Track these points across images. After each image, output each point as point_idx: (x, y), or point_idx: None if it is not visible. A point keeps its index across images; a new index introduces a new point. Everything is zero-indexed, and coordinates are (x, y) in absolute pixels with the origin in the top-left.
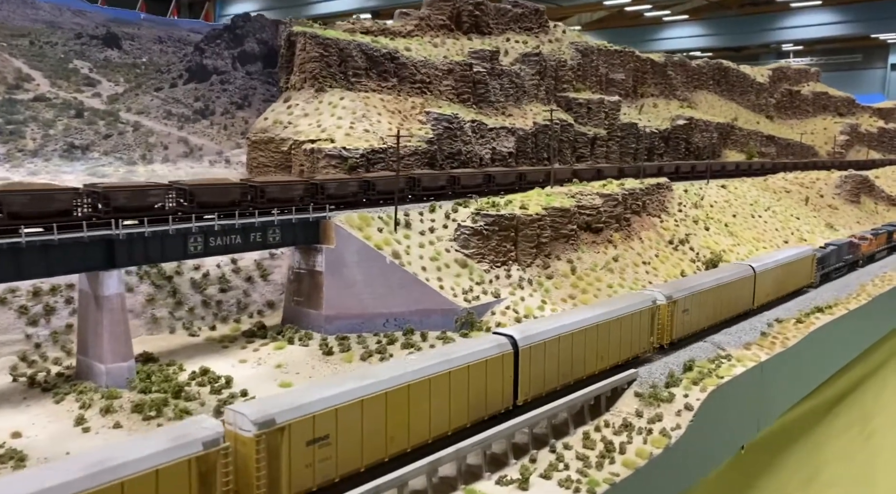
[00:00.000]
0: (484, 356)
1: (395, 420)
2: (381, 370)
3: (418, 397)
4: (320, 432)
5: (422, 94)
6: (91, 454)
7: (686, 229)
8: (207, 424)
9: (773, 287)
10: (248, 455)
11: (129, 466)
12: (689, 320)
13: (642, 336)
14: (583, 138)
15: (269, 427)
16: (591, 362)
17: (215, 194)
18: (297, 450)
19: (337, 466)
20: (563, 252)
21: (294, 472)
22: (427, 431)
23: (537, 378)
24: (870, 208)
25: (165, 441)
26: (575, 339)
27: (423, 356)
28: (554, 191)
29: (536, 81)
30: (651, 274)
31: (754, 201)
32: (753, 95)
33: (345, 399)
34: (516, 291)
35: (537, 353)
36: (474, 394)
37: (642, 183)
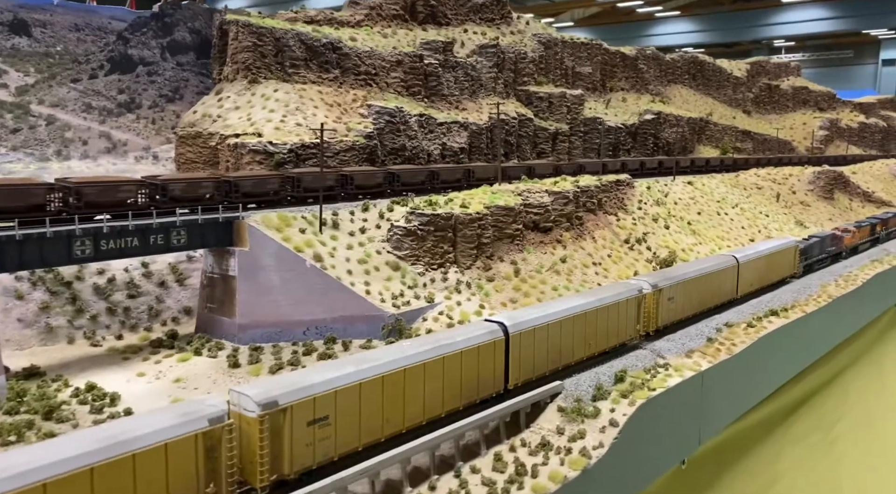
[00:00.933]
0: (477, 343)
1: (391, 403)
2: (378, 355)
3: (414, 381)
4: (320, 413)
5: (366, 86)
6: (102, 428)
7: (644, 227)
8: (212, 402)
9: (756, 277)
10: (251, 435)
11: (139, 440)
12: (675, 308)
13: (629, 324)
14: (543, 134)
15: (272, 408)
16: (579, 348)
17: (107, 192)
18: (298, 430)
19: (336, 445)
20: (507, 253)
21: (295, 451)
22: (422, 413)
23: (527, 364)
24: (844, 205)
25: (173, 417)
26: (563, 326)
27: (418, 342)
28: (501, 189)
29: (494, 73)
30: (601, 275)
31: (722, 198)
32: (730, 89)
33: (344, 382)
34: (453, 295)
35: (527, 339)
36: (467, 379)
37: (599, 180)
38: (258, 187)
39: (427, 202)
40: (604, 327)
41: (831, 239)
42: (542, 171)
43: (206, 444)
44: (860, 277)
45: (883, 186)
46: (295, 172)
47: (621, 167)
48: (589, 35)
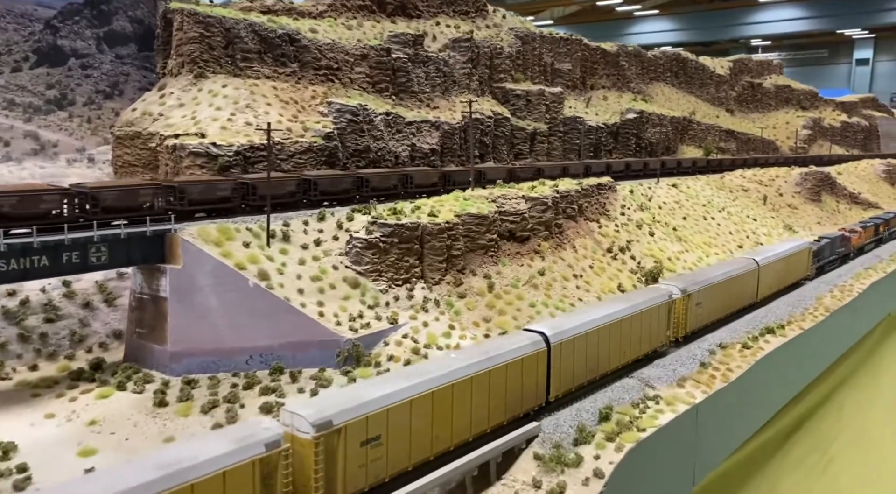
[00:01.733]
0: (521, 354)
1: (440, 419)
2: (425, 369)
3: (462, 395)
4: (373, 432)
5: (327, 82)
6: (161, 454)
7: (628, 234)
8: (267, 425)
9: (774, 280)
10: (305, 457)
11: (198, 468)
12: (701, 313)
13: (660, 330)
14: (521, 134)
15: (327, 429)
16: (614, 356)
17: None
18: (351, 451)
19: (387, 466)
20: (480, 266)
21: (348, 473)
22: (468, 429)
23: (567, 374)
24: (831, 207)
25: (229, 443)
26: (601, 334)
27: (464, 355)
28: (474, 194)
29: (468, 69)
30: (582, 289)
31: (707, 202)
32: (713, 87)
33: (395, 399)
34: (419, 314)
35: (567, 349)
36: (511, 392)
37: (580, 184)
38: (206, 193)
39: (391, 211)
40: (637, 334)
41: (840, 240)
42: (524, 174)
43: (262, 470)
44: (855, 286)
45: (869, 187)
46: (250, 178)
47: (606, 169)
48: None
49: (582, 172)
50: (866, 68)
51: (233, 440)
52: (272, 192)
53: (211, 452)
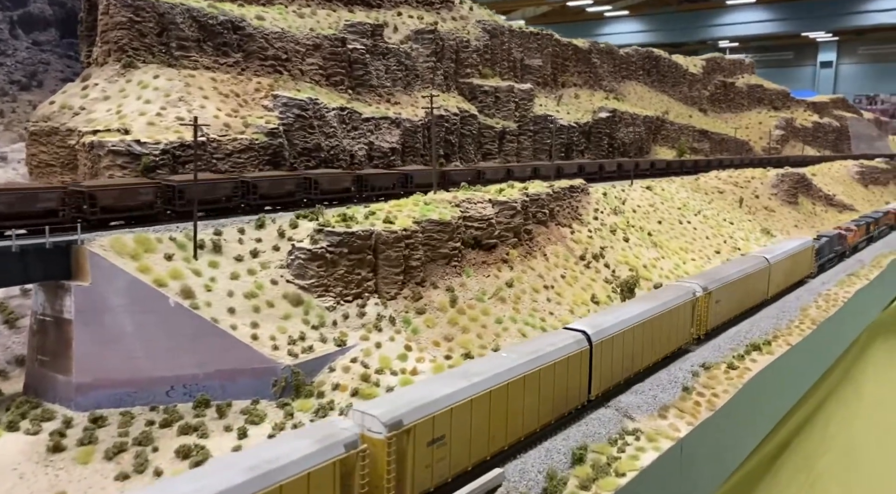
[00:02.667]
0: (567, 353)
1: (496, 418)
2: (481, 367)
3: (516, 395)
4: (438, 432)
5: (275, 74)
6: (247, 456)
7: (602, 240)
8: (344, 425)
9: (783, 278)
10: (378, 457)
11: (285, 469)
12: (720, 310)
13: (685, 328)
14: (489, 132)
15: (398, 429)
16: (647, 354)
17: None
18: (420, 451)
19: (450, 466)
20: (443, 278)
21: (416, 473)
22: (521, 428)
23: (606, 372)
24: (808, 210)
25: (311, 443)
26: (636, 332)
27: (513, 353)
28: (437, 198)
29: (432, 63)
30: (553, 302)
31: (683, 205)
32: (686, 86)
33: (458, 398)
34: (371, 334)
35: (607, 347)
36: (558, 390)
37: (551, 186)
38: (124, 199)
39: (340, 217)
40: (665, 331)
41: (838, 238)
42: (493, 175)
43: (342, 471)
44: (840, 294)
45: (843, 188)
46: (177, 180)
47: (578, 171)
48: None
49: (554, 173)
50: (830, 71)
51: (314, 440)
52: (203, 196)
53: (295, 453)
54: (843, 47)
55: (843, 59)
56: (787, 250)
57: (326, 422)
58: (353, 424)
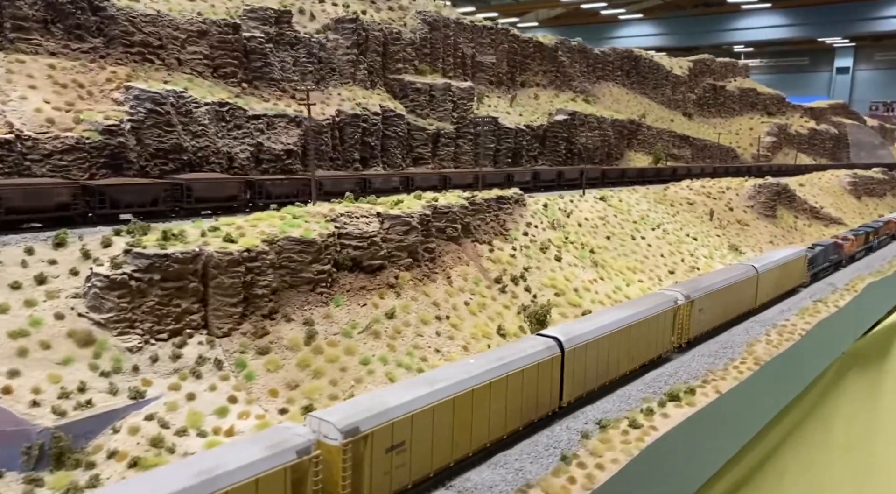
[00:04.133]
0: (537, 359)
1: (460, 425)
2: (444, 374)
3: (481, 401)
4: (398, 439)
5: (144, 62)
6: (195, 461)
7: (527, 260)
8: (297, 431)
9: (772, 287)
10: (333, 464)
11: (232, 474)
12: (703, 319)
13: (665, 336)
14: (421, 135)
15: (354, 435)
16: (623, 362)
17: None
18: (377, 458)
19: (410, 472)
20: (303, 308)
21: (374, 480)
22: (486, 435)
23: (579, 379)
24: (788, 223)
25: (261, 449)
26: (612, 340)
27: (481, 360)
28: (312, 210)
29: (353, 56)
30: (444, 336)
31: (641, 218)
32: (669, 89)
33: (419, 405)
34: (186, 381)
35: (580, 354)
36: (527, 397)
37: (473, 196)
38: None
39: (161, 236)
40: (644, 339)
41: (833, 247)
42: (424, 182)
43: (293, 477)
44: (798, 326)
45: (833, 200)
46: None
47: (532, 178)
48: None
49: (504, 180)
50: (846, 77)
51: (266, 445)
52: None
53: (244, 458)
54: (859, 53)
55: (860, 66)
56: (777, 260)
57: (280, 428)
58: (307, 430)
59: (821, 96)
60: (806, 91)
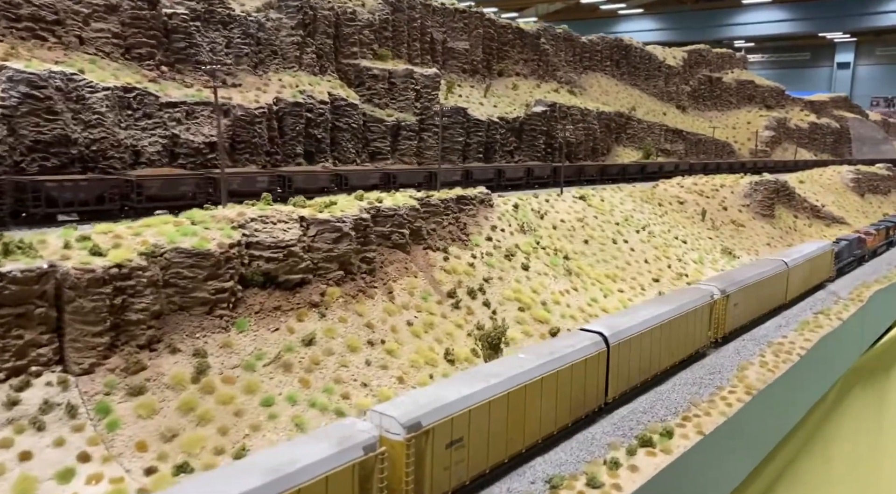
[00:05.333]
0: (584, 355)
1: (514, 421)
2: (499, 369)
3: (533, 397)
4: (457, 434)
5: (34, 39)
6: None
7: (488, 269)
8: (361, 427)
9: (801, 282)
10: (396, 459)
11: (303, 472)
12: (738, 314)
13: (703, 331)
14: (378, 127)
15: (417, 430)
16: (664, 357)
17: None
18: (438, 453)
19: (468, 468)
20: (195, 335)
21: (435, 476)
22: (538, 431)
23: (623, 375)
24: (787, 223)
25: (329, 445)
26: (653, 335)
27: (531, 354)
28: (217, 214)
29: (299, 38)
30: (376, 365)
31: (625, 219)
32: (662, 80)
33: (476, 400)
34: (22, 435)
35: (624, 349)
36: (576, 393)
37: (427, 197)
38: None
39: (1, 249)
40: (683, 334)
41: (857, 242)
42: (362, 180)
43: (360, 474)
44: (797, 345)
45: (834, 198)
46: None
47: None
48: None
49: (496, 177)
50: (847, 72)
51: (334, 442)
52: None
53: (314, 455)
54: (860, 48)
55: (861, 61)
56: (805, 254)
57: (344, 424)
58: (371, 425)
59: (821, 92)
60: (806, 86)
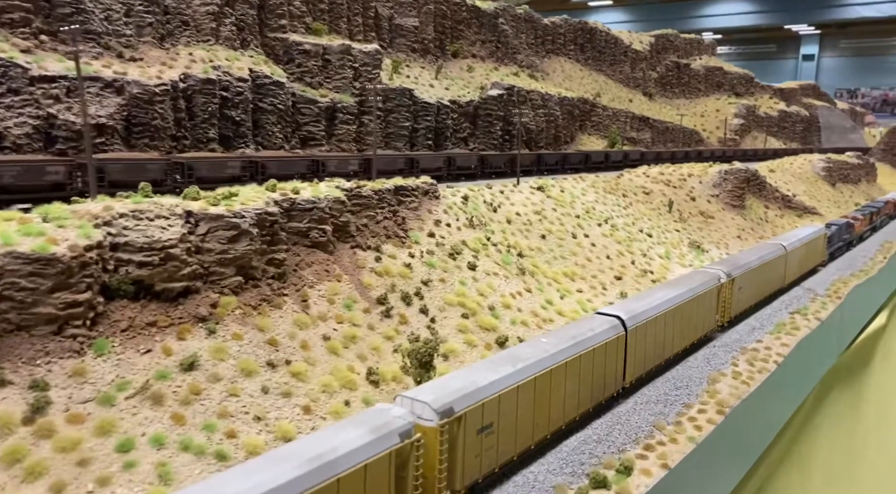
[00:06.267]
0: (605, 338)
1: (540, 406)
2: (524, 353)
3: (558, 381)
4: (487, 420)
5: None
6: (305, 446)
7: (428, 270)
8: (395, 412)
9: (797, 265)
10: (430, 446)
11: (342, 461)
12: (742, 297)
13: (711, 314)
14: (311, 109)
15: (450, 416)
16: (677, 341)
17: None
18: (469, 439)
19: (497, 455)
20: (35, 362)
21: (466, 463)
22: (562, 416)
23: (640, 359)
24: (757, 214)
25: (367, 433)
26: (667, 318)
27: (554, 339)
28: (80, 209)
29: (216, 7)
30: (275, 393)
31: (586, 211)
32: (628, 65)
33: (505, 385)
34: None
35: (641, 333)
36: (596, 377)
37: (358, 188)
38: None
39: None
40: (693, 318)
41: (847, 227)
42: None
43: (397, 462)
44: (773, 351)
45: (806, 188)
46: None
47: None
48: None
49: (406, 165)
50: (812, 64)
51: (369, 429)
52: None
53: (352, 443)
54: (825, 41)
55: (826, 53)
56: (801, 238)
57: (378, 410)
58: (406, 411)
59: None
60: (773, 78)
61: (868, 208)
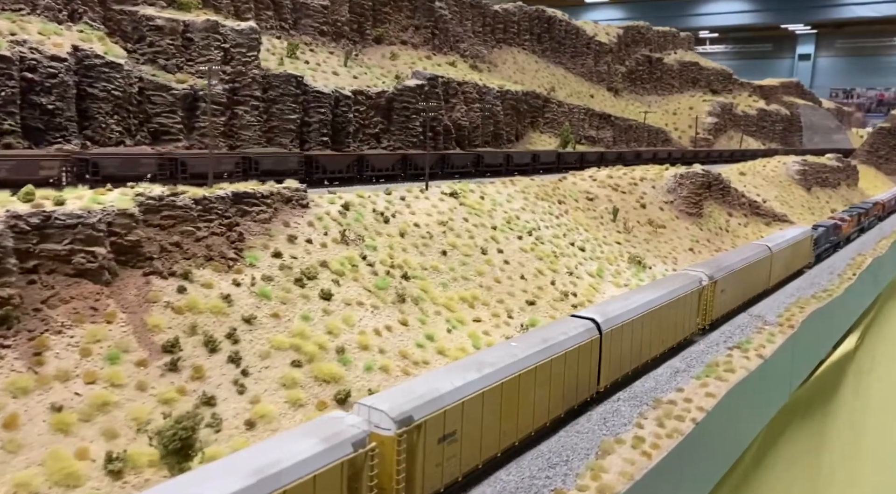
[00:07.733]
0: (578, 342)
1: (507, 412)
2: (491, 357)
3: (526, 386)
4: (449, 428)
5: None
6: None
7: (257, 302)
8: (349, 421)
9: (783, 267)
10: (386, 456)
11: (289, 472)
12: (725, 300)
13: (691, 317)
14: (163, 97)
15: (408, 425)
16: (654, 345)
17: None
18: (430, 449)
19: (461, 464)
20: None
21: (427, 473)
22: (531, 423)
23: (615, 363)
24: (717, 223)
25: (316, 442)
26: (644, 321)
27: (524, 343)
28: None
29: None
30: None
31: (507, 221)
32: (591, 58)
33: (469, 391)
34: None
35: (616, 337)
36: (569, 381)
37: (173, 194)
38: None
39: None
40: (673, 321)
41: (834, 229)
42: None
43: (349, 473)
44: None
45: (778, 192)
46: None
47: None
48: None
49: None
50: (808, 64)
51: (320, 438)
52: None
53: (300, 454)
54: (821, 40)
55: (822, 53)
56: (787, 239)
57: (332, 418)
58: (361, 420)
59: None
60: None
61: (856, 209)
